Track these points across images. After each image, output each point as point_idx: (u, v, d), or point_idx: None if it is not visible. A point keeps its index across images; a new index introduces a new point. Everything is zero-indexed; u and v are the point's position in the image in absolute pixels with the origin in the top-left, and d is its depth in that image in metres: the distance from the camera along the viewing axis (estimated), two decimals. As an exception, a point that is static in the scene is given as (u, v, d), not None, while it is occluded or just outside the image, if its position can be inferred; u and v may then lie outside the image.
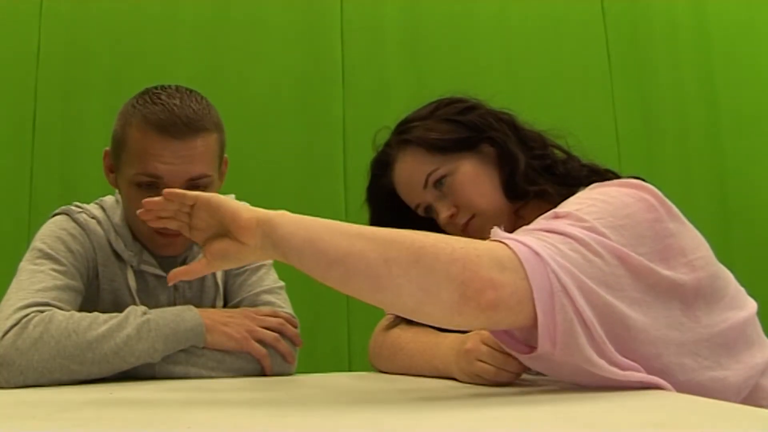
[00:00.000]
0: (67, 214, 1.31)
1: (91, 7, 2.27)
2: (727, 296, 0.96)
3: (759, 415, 0.65)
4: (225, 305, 1.37)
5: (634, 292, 0.85)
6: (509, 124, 1.20)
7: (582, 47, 2.44)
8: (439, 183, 1.17)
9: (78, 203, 1.35)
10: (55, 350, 1.09)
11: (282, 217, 0.86)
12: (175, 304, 1.31)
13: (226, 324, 1.21)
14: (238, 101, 2.21)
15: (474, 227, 1.15)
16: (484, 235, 1.11)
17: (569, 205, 0.94)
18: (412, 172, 1.19)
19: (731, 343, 0.94)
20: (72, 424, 0.70)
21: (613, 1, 2.48)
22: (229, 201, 0.90)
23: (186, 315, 1.19)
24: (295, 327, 1.29)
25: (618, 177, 1.10)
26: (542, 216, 0.92)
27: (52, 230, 1.28)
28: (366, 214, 1.28)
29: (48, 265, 1.22)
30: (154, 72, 2.18)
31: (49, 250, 1.24)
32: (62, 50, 2.23)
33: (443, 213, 1.17)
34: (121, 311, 1.16)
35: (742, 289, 1.04)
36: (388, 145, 1.24)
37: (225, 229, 0.88)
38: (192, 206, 0.91)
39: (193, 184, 1.21)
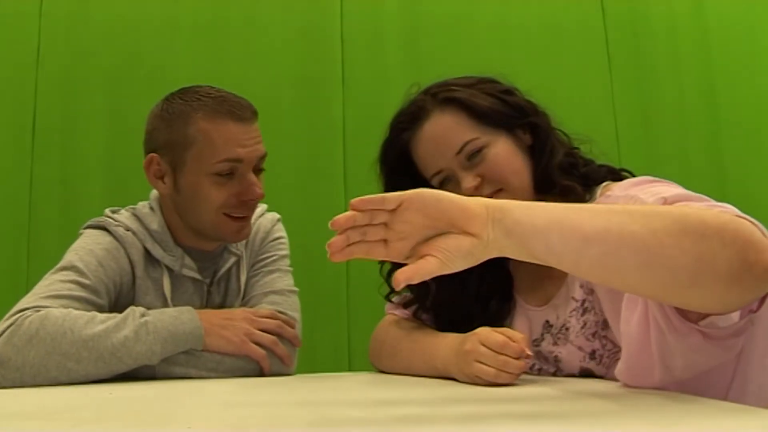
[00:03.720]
0: (105, 228, 1.31)
1: (91, 7, 2.27)
2: None
3: (759, 415, 0.65)
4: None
5: None
6: (546, 117, 1.19)
7: (582, 47, 2.44)
8: (474, 155, 1.11)
9: (111, 215, 1.34)
10: (51, 347, 1.09)
11: (510, 203, 0.75)
12: (206, 307, 1.32)
13: (224, 327, 1.21)
14: (238, 101, 2.21)
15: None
16: None
17: (665, 190, 0.91)
18: (448, 134, 1.13)
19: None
20: (72, 424, 0.70)
21: (613, 1, 2.48)
22: (444, 192, 0.76)
23: (184, 317, 1.19)
24: (293, 328, 1.29)
25: (632, 175, 1.13)
26: (657, 199, 0.87)
27: (88, 244, 1.27)
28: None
29: (71, 277, 1.21)
30: (154, 72, 2.19)
31: (78, 263, 1.23)
32: (62, 50, 2.23)
33: (467, 183, 1.10)
34: None
35: None
36: (424, 99, 1.17)
37: (448, 224, 0.74)
38: (392, 211, 0.74)
39: (259, 164, 1.30)
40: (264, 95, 2.27)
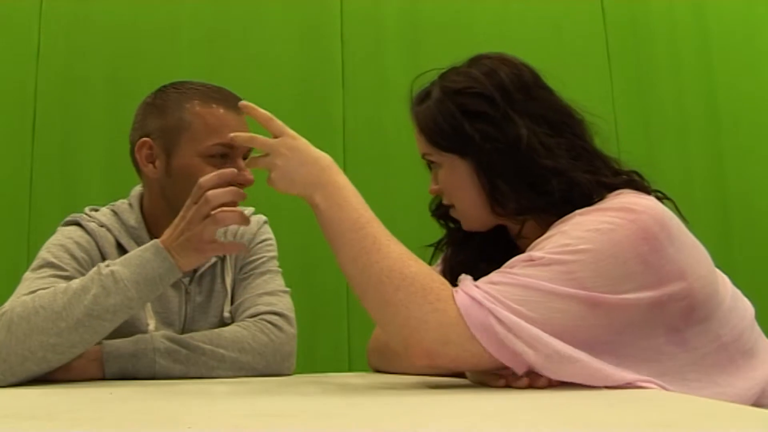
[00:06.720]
0: (77, 223, 1.32)
1: (91, 7, 2.27)
2: (720, 312, 0.95)
3: (759, 415, 0.65)
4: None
5: (608, 335, 0.87)
6: (515, 140, 1.04)
7: (582, 47, 2.44)
8: (432, 166, 1.14)
9: (89, 212, 1.35)
10: (28, 329, 1.08)
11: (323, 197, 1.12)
12: (186, 309, 1.32)
13: (187, 242, 1.14)
14: (238, 101, 2.22)
15: (455, 214, 1.14)
16: (462, 221, 1.14)
17: (554, 241, 0.92)
18: (417, 137, 1.14)
19: (724, 362, 0.93)
20: (72, 424, 0.70)
21: (613, 1, 2.48)
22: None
23: (148, 255, 1.14)
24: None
25: (643, 187, 1.05)
26: (520, 258, 0.91)
27: (59, 239, 1.29)
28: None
29: (48, 272, 1.22)
30: (154, 72, 2.18)
31: (52, 259, 1.24)
32: (62, 50, 2.23)
33: (431, 186, 1.15)
34: (132, 318, 1.18)
35: (739, 294, 1.02)
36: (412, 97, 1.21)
37: None
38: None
39: (248, 155, 1.31)
40: (264, 95, 2.27)
